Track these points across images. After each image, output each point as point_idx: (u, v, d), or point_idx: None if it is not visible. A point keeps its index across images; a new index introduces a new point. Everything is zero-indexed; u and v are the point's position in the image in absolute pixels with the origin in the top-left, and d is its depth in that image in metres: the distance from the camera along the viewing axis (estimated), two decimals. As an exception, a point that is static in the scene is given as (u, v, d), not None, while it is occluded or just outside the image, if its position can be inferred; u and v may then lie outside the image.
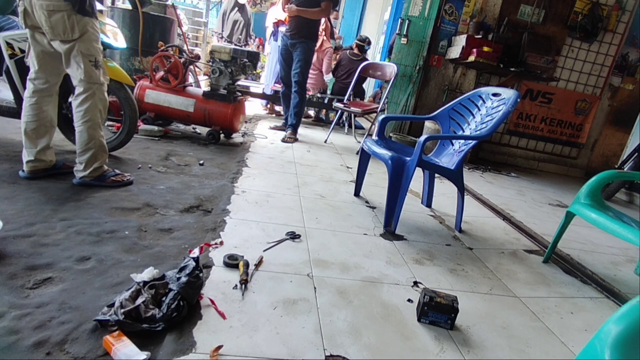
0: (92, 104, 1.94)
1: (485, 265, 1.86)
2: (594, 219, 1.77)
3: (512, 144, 4.85)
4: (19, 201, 1.74)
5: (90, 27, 1.88)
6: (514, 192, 3.47)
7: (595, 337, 0.76)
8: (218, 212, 1.93)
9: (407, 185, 1.98)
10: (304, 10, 3.65)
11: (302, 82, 3.87)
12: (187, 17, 8.66)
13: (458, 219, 2.25)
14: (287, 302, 1.31)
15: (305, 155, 3.42)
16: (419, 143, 1.95)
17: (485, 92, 2.35)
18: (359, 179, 2.56)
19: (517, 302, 1.58)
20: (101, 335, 1.05)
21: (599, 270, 2.03)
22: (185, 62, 3.40)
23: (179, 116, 3.42)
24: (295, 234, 1.80)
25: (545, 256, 2.03)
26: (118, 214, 1.78)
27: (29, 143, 1.97)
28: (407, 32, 4.40)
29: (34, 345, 0.99)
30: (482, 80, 4.51)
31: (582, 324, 1.51)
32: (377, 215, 2.27)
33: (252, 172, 2.67)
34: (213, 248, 1.57)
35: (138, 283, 1.19)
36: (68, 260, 1.37)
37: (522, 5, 4.33)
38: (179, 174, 2.45)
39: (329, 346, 1.14)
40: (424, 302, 1.31)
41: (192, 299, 1.20)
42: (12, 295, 1.16)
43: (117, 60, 3.95)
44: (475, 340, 1.29)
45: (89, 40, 1.88)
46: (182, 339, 1.07)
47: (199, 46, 8.31)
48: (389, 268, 1.67)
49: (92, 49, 1.90)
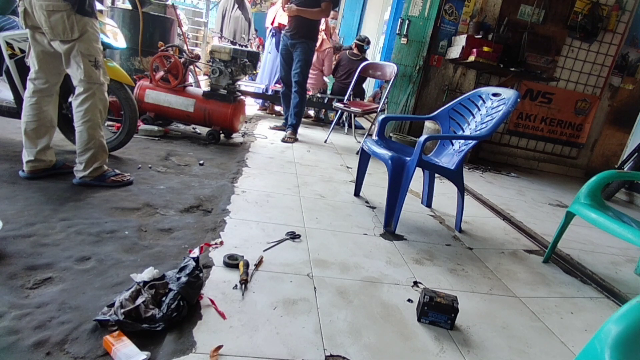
0: (92, 104, 1.94)
1: (485, 265, 1.86)
2: (594, 219, 1.77)
3: (512, 144, 4.85)
4: (19, 201, 1.74)
5: (90, 27, 1.88)
6: (514, 192, 3.47)
7: (595, 337, 0.76)
8: (218, 212, 1.93)
9: (407, 185, 1.98)
10: (304, 10, 3.65)
11: (302, 82, 3.87)
12: (187, 17, 8.66)
13: (458, 219, 2.25)
14: (287, 302, 1.31)
15: (305, 155, 3.42)
16: (419, 143, 1.95)
17: (485, 92, 2.35)
18: (359, 179, 2.56)
19: (517, 302, 1.58)
20: (101, 335, 1.05)
21: (599, 270, 2.03)
22: (185, 62, 3.40)
23: (179, 116, 3.42)
24: (295, 234, 1.80)
25: (545, 256, 2.03)
26: (118, 214, 1.78)
27: (29, 143, 1.97)
28: (407, 32, 4.40)
29: (34, 345, 0.99)
30: (482, 80, 4.51)
31: (582, 324, 1.51)
32: (377, 215, 2.27)
33: (252, 172, 2.67)
34: (213, 248, 1.57)
35: (138, 283, 1.19)
36: (68, 260, 1.37)
37: (522, 5, 4.33)
38: (179, 174, 2.45)
39: (329, 346, 1.14)
40: (424, 302, 1.31)
41: (192, 299, 1.20)
42: (12, 295, 1.16)
43: (117, 60, 3.95)
44: (475, 340, 1.29)
45: (88, 40, 1.88)
46: (182, 339, 1.07)
47: (199, 46, 8.31)
48: (389, 268, 1.67)
49: (92, 49, 1.90)
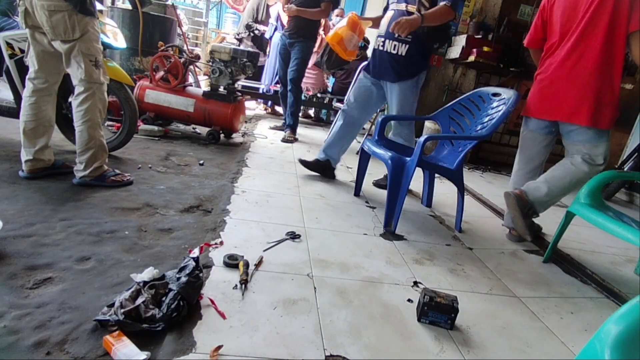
0: (92, 103, 1.94)
1: (485, 265, 1.86)
2: (594, 219, 1.77)
3: (512, 144, 4.84)
4: (19, 201, 1.74)
5: (91, 27, 1.88)
6: (514, 192, 3.46)
7: (595, 337, 0.76)
8: (218, 212, 1.93)
9: (407, 185, 1.98)
10: (304, 11, 3.65)
11: (297, 80, 3.87)
12: (187, 17, 8.65)
13: (458, 219, 2.25)
14: (287, 302, 1.31)
15: (305, 155, 3.40)
16: (419, 143, 1.95)
17: (485, 92, 2.35)
18: (359, 179, 2.56)
19: (517, 302, 1.58)
20: (101, 335, 1.05)
21: (599, 270, 2.03)
22: (185, 62, 3.40)
23: (179, 116, 3.42)
24: (295, 234, 1.80)
25: (545, 256, 2.03)
26: (118, 214, 1.78)
27: (28, 142, 1.97)
28: (407, 32, 4.39)
29: (34, 345, 0.99)
30: (482, 80, 4.51)
31: (582, 324, 1.51)
32: (377, 215, 2.26)
33: (252, 172, 2.67)
34: (213, 248, 1.57)
35: (138, 283, 1.19)
36: (68, 260, 1.37)
37: (522, 5, 4.33)
38: (179, 174, 2.45)
39: (329, 346, 1.14)
40: (424, 302, 1.31)
41: (192, 299, 1.20)
42: (12, 295, 1.16)
43: (117, 60, 3.95)
44: (475, 340, 1.29)
45: (89, 40, 1.88)
46: (182, 339, 1.07)
47: (199, 46, 8.31)
48: (389, 268, 1.67)
49: (92, 49, 1.90)
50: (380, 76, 2.54)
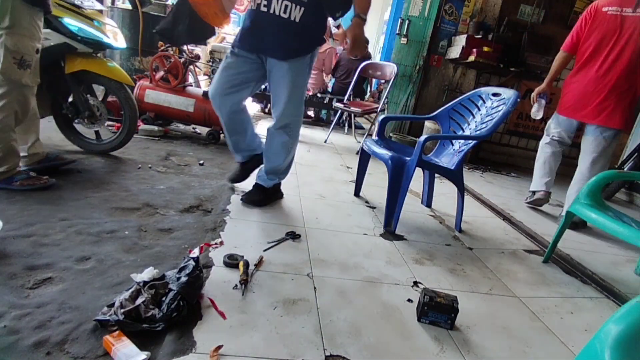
0: (6, 104, 1.73)
1: (485, 265, 1.86)
2: (594, 219, 1.77)
3: (512, 144, 4.85)
4: (18, 201, 1.74)
5: (28, 22, 1.66)
6: (514, 192, 3.47)
7: (595, 337, 0.76)
8: (218, 212, 1.93)
9: (407, 185, 1.98)
10: None
11: None
12: (187, 17, 8.64)
13: (458, 219, 2.25)
14: (287, 302, 1.31)
15: (305, 155, 3.42)
16: (419, 143, 1.95)
17: (485, 92, 2.35)
18: (359, 179, 2.56)
19: (517, 302, 1.58)
20: (101, 335, 1.04)
21: (599, 270, 2.03)
22: (185, 62, 3.40)
23: (179, 116, 3.42)
24: (295, 234, 1.80)
25: (545, 256, 2.03)
26: (118, 214, 1.78)
27: (20, 141, 1.95)
28: (407, 32, 4.40)
29: (34, 345, 0.99)
30: (482, 80, 4.51)
31: (582, 324, 1.51)
32: (377, 215, 2.26)
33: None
34: (213, 248, 1.57)
35: (138, 283, 1.19)
36: (68, 260, 1.37)
37: (522, 5, 4.33)
38: (179, 174, 2.45)
39: (329, 346, 1.14)
40: (424, 302, 1.31)
41: (192, 299, 1.20)
42: (12, 295, 1.16)
43: (117, 60, 3.96)
44: (475, 340, 1.29)
45: (19, 35, 1.66)
46: (182, 339, 1.07)
47: (199, 46, 8.30)
48: (389, 268, 1.67)
49: (20, 46, 1.67)
50: (261, 50, 1.85)
